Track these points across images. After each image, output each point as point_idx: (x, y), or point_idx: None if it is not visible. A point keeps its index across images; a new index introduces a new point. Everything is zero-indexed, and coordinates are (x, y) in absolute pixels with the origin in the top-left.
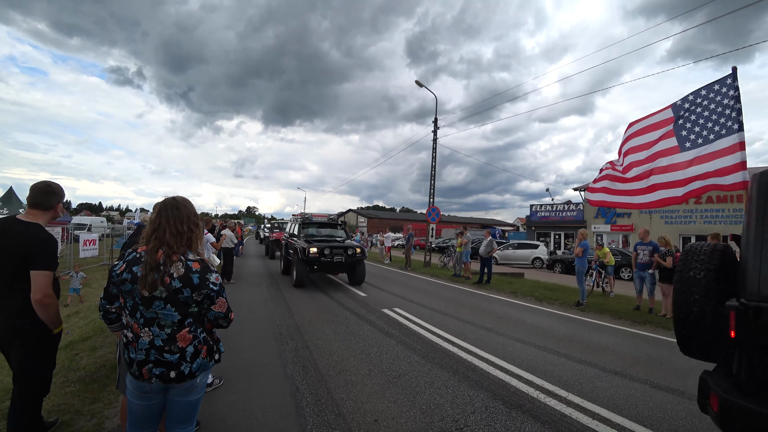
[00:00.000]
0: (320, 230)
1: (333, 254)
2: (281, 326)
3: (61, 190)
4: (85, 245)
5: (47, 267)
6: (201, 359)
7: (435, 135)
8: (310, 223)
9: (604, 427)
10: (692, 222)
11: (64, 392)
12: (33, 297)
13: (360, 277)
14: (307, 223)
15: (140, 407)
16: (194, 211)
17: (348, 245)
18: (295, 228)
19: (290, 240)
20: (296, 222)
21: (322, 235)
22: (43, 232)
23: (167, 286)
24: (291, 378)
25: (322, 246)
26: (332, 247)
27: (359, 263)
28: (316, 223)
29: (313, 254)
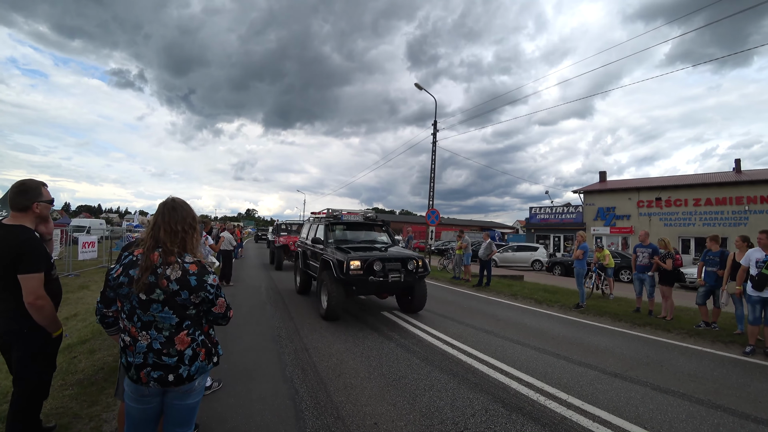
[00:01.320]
0: (355, 233)
1: (387, 270)
2: (280, 329)
3: (38, 187)
4: (83, 247)
5: (34, 269)
6: (199, 362)
7: (434, 138)
8: (341, 224)
9: (605, 429)
10: (691, 224)
11: (62, 395)
12: (25, 300)
13: (419, 303)
14: (335, 223)
15: (138, 411)
16: (192, 213)
17: (404, 256)
18: (317, 231)
19: (313, 248)
20: (319, 223)
21: (359, 241)
22: (26, 233)
23: (165, 288)
24: (290, 381)
25: (369, 257)
26: (384, 260)
27: (419, 283)
28: (349, 223)
29: (355, 270)
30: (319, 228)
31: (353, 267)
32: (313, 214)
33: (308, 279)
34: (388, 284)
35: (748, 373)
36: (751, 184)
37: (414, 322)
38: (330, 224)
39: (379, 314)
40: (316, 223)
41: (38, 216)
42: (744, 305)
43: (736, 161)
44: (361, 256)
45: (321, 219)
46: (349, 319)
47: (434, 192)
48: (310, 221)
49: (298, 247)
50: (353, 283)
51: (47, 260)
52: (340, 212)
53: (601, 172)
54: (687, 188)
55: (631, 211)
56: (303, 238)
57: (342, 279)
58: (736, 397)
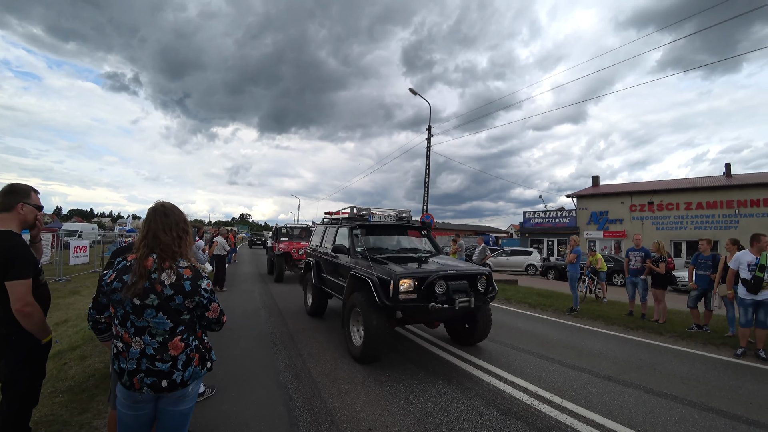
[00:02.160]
0: (389, 239)
1: (451, 292)
2: (274, 334)
3: (27, 190)
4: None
5: (22, 275)
6: (193, 367)
7: (429, 142)
8: (370, 227)
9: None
10: (683, 228)
11: (52, 402)
12: (13, 307)
13: (483, 332)
14: (364, 227)
15: (130, 417)
16: (183, 217)
17: (472, 272)
18: (336, 236)
19: (334, 260)
20: (338, 226)
21: (397, 249)
22: (13, 238)
23: (159, 293)
24: (284, 386)
25: (426, 274)
26: (447, 278)
27: (485, 306)
28: (380, 226)
29: (407, 292)
30: (339, 233)
31: (404, 289)
32: (328, 214)
33: (323, 297)
34: (454, 312)
35: (740, 376)
36: (741, 188)
37: (408, 327)
38: (356, 228)
39: None
40: (334, 226)
41: (23, 220)
42: (735, 308)
43: (727, 165)
44: (415, 273)
45: (341, 221)
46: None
47: (429, 196)
48: (324, 224)
49: (308, 256)
50: (406, 309)
51: (35, 266)
52: (367, 211)
53: (594, 176)
54: (679, 192)
55: (623, 215)
56: (314, 245)
57: (386, 304)
58: (728, 399)
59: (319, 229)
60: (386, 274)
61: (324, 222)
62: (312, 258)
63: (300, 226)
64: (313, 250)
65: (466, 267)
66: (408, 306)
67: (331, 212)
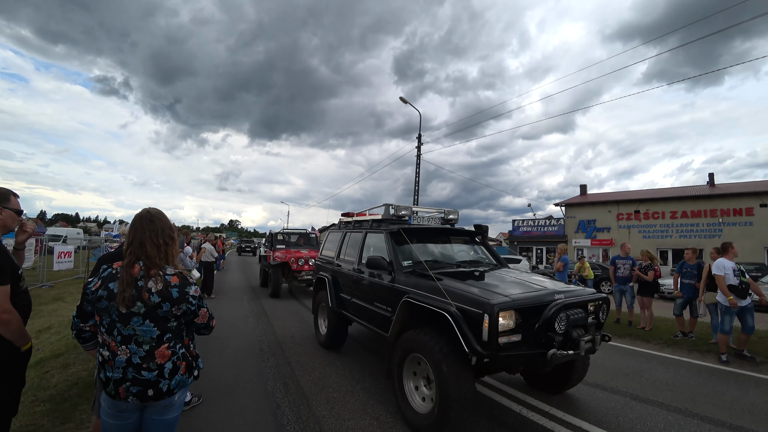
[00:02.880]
0: (438, 248)
1: (572, 327)
2: (262, 342)
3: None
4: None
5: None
6: (180, 375)
7: (419, 151)
8: (415, 232)
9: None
10: (669, 236)
11: (32, 412)
12: None
13: (580, 374)
14: (408, 231)
15: (115, 427)
16: (169, 223)
17: (591, 297)
18: (364, 244)
19: (366, 278)
20: (367, 230)
21: (451, 262)
22: None
23: (146, 301)
24: (272, 395)
25: (534, 302)
26: (567, 306)
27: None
28: (427, 230)
29: (507, 332)
30: (371, 240)
31: (504, 326)
32: (346, 216)
33: (343, 324)
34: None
35: (724, 382)
36: (724, 198)
37: None
38: (398, 233)
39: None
40: (359, 231)
41: (2, 225)
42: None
43: (710, 175)
44: (523, 300)
45: (371, 224)
46: None
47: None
48: (342, 229)
49: (320, 270)
50: (496, 359)
51: (14, 271)
52: (407, 211)
53: (582, 185)
54: (664, 201)
55: (611, 224)
56: (328, 255)
57: (478, 353)
58: (713, 405)
59: (333, 236)
60: (473, 303)
61: (341, 226)
62: (326, 273)
63: (298, 232)
64: (326, 261)
65: (577, 289)
66: (511, 355)
67: (351, 213)
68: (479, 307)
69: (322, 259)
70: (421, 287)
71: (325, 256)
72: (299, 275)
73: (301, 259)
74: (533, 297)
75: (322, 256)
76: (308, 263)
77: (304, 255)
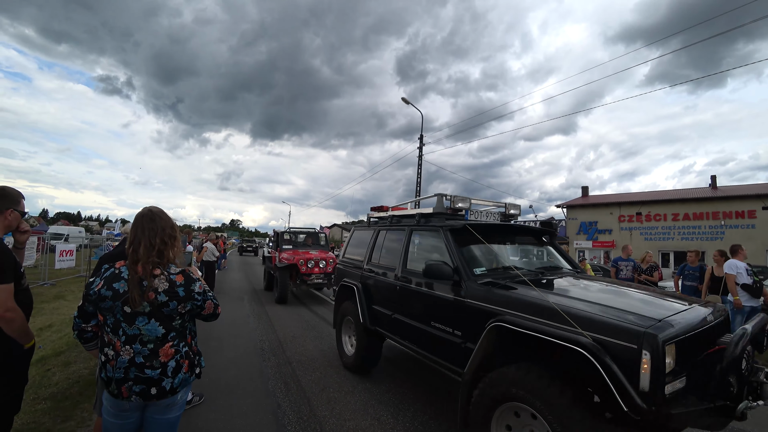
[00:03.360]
0: (503, 249)
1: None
2: (263, 342)
3: (17, 196)
4: (61, 256)
5: (2, 280)
6: (183, 374)
7: (420, 151)
8: (476, 228)
9: None
10: (670, 238)
11: (34, 410)
12: None
13: None
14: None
15: (117, 426)
16: (171, 222)
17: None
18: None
19: (418, 291)
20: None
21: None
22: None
23: (152, 301)
24: (273, 395)
25: (702, 324)
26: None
27: None
28: (493, 227)
29: (673, 376)
30: (418, 239)
31: (669, 366)
32: (377, 210)
33: (376, 343)
34: None
35: None
36: (726, 200)
37: None
38: (462, 231)
39: None
40: (400, 229)
41: (7, 225)
42: None
43: (712, 177)
44: (681, 326)
45: (418, 219)
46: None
47: None
48: (372, 226)
49: (344, 276)
50: (659, 419)
51: (16, 269)
52: (466, 203)
53: (584, 187)
54: (666, 203)
55: (612, 226)
56: (354, 258)
57: (639, 410)
58: None
59: (360, 235)
60: (618, 331)
61: (371, 223)
62: (353, 281)
63: (307, 231)
64: (352, 266)
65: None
66: (683, 413)
67: (384, 207)
68: (631, 338)
69: (347, 262)
70: (517, 305)
71: (351, 259)
72: (309, 279)
73: (311, 260)
74: (697, 321)
75: (347, 258)
76: (318, 265)
77: (313, 256)
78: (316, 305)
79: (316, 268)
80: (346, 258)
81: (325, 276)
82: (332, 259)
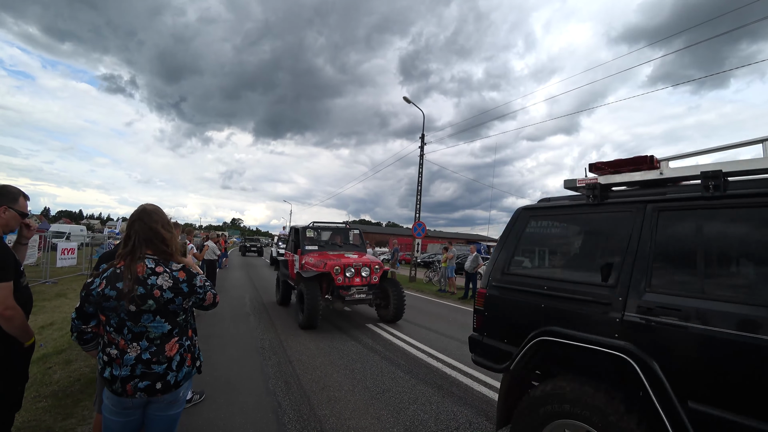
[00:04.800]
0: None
1: None
2: (264, 340)
3: (17, 194)
4: (63, 254)
5: (2, 278)
6: (186, 367)
7: (422, 151)
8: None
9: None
10: None
11: (35, 408)
12: None
13: None
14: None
15: (119, 424)
16: (166, 218)
17: None
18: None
19: None
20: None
21: None
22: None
23: (158, 298)
24: (273, 393)
25: None
26: None
27: None
28: None
29: None
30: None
31: None
32: (602, 171)
33: None
34: None
35: None
36: None
37: (398, 334)
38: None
39: (363, 326)
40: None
41: (3, 224)
42: None
43: None
44: None
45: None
46: (333, 330)
47: (421, 204)
48: (581, 208)
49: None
50: None
51: (16, 267)
52: None
53: None
54: None
55: None
56: (550, 278)
57: None
58: None
59: (553, 224)
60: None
61: (591, 197)
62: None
63: (335, 226)
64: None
65: None
66: None
67: (605, 164)
68: None
69: (524, 285)
70: None
71: (534, 277)
72: (347, 293)
73: (350, 267)
74: None
75: (523, 276)
76: (360, 274)
77: (352, 261)
78: (345, 322)
79: (358, 278)
80: (521, 274)
81: (368, 289)
82: (378, 265)
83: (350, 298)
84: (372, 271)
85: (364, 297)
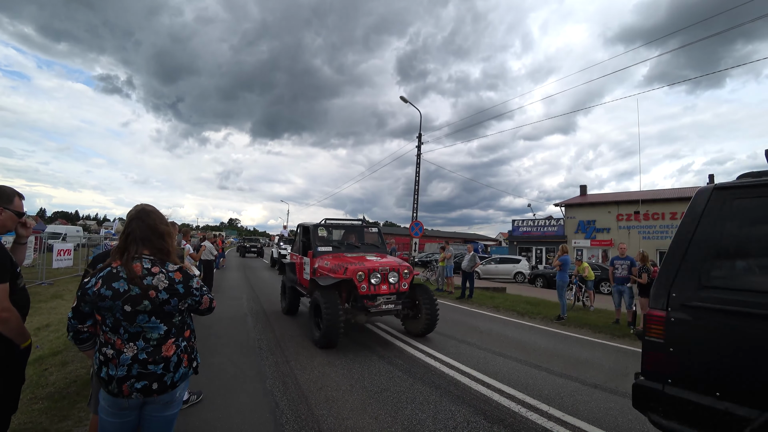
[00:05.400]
0: None
1: None
2: (261, 341)
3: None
4: (59, 255)
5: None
6: (183, 368)
7: (419, 150)
8: None
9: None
10: (669, 237)
11: (31, 410)
12: None
13: None
14: None
15: (115, 425)
16: (163, 219)
17: None
18: None
19: None
20: None
21: None
22: None
23: (153, 299)
24: (270, 393)
25: None
26: None
27: None
28: None
29: None
30: None
31: None
32: None
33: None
34: None
35: None
36: None
37: (396, 334)
38: None
39: (362, 326)
40: None
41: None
42: None
43: (710, 177)
44: None
45: None
46: None
47: (418, 204)
48: None
49: None
50: None
51: (12, 269)
52: None
53: (582, 186)
54: (664, 202)
55: (610, 224)
56: None
57: None
58: None
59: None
60: None
61: None
62: None
63: (349, 224)
64: None
65: None
66: None
67: None
68: None
69: (753, 306)
70: None
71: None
72: (373, 303)
73: (375, 272)
74: None
75: (745, 292)
76: (388, 281)
77: (377, 265)
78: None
79: (384, 285)
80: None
81: (397, 297)
82: (407, 269)
83: (376, 309)
84: (401, 276)
85: (393, 308)
